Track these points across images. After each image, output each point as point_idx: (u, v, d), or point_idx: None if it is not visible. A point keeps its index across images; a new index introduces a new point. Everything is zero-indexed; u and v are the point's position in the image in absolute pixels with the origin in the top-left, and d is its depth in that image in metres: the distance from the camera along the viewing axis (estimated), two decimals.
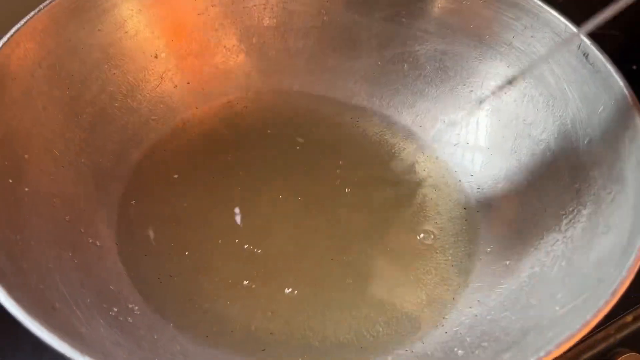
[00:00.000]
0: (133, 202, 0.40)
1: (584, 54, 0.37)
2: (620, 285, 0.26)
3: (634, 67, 0.58)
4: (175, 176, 0.42)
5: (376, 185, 0.43)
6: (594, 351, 0.41)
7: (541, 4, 0.40)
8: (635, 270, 0.27)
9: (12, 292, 0.25)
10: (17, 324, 0.24)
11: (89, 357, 0.22)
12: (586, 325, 0.25)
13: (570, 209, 0.36)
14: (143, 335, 0.32)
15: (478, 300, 0.36)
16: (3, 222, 0.30)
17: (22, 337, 0.36)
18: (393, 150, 0.45)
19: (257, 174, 0.43)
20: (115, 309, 0.32)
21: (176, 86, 0.45)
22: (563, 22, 0.39)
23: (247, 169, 0.43)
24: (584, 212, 0.34)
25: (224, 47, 0.46)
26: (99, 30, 0.41)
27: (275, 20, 0.47)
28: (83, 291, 0.32)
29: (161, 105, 0.44)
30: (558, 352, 0.25)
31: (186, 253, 0.38)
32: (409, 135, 0.46)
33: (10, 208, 0.32)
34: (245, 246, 0.38)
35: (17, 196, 0.33)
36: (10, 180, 0.33)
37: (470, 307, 0.35)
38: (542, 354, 0.24)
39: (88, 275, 0.33)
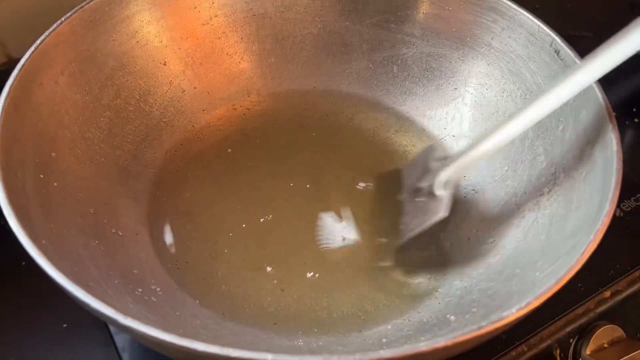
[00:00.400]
0: (150, 196, 0.43)
1: (555, 51, 0.42)
2: (589, 245, 0.30)
3: None
4: (188, 173, 0.45)
5: (373, 175, 0.47)
6: (576, 324, 0.45)
7: (516, 7, 0.44)
8: (602, 233, 0.31)
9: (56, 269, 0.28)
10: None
11: (131, 320, 0.26)
12: (560, 281, 0.29)
13: (547, 189, 0.39)
14: (167, 311, 0.35)
15: (467, 275, 0.39)
16: (40, 212, 0.34)
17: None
18: (386, 144, 0.49)
19: (264, 168, 0.46)
20: (140, 290, 0.36)
21: (184, 91, 0.48)
22: (536, 23, 0.43)
23: (253, 164, 0.47)
24: (560, 191, 0.38)
25: (227, 54, 0.50)
26: (113, 40, 0.44)
27: (273, 29, 0.51)
28: (110, 274, 0.35)
29: (171, 109, 0.47)
30: (535, 304, 0.28)
31: (200, 242, 0.41)
32: (400, 130, 0.49)
33: (43, 200, 0.35)
34: (255, 234, 0.42)
35: (49, 190, 0.36)
36: (42, 176, 0.36)
37: (461, 281, 0.39)
38: (522, 305, 0.28)
39: (113, 261, 0.37)
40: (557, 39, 0.41)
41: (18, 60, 0.53)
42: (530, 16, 0.43)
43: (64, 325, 0.42)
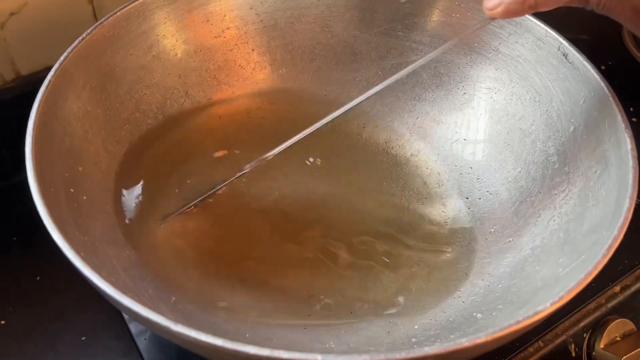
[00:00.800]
0: (173, 207, 0.44)
1: (563, 55, 0.43)
2: (613, 241, 0.31)
3: (603, 67, 0.65)
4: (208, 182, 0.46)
5: (388, 182, 0.48)
6: (589, 319, 0.46)
7: None
8: (624, 229, 0.32)
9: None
10: None
11: (182, 326, 0.27)
12: (589, 275, 0.30)
13: (562, 188, 0.41)
14: (202, 318, 0.36)
15: (488, 273, 0.41)
16: (74, 226, 0.34)
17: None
18: (398, 150, 0.50)
19: (281, 178, 0.47)
20: (173, 298, 0.36)
21: (199, 102, 0.49)
22: (543, 28, 0.44)
23: (270, 174, 0.48)
24: (575, 190, 0.40)
25: (240, 65, 0.51)
26: (131, 54, 0.45)
27: (283, 40, 0.52)
28: (144, 284, 0.36)
29: (188, 119, 0.48)
30: (568, 298, 0.29)
31: (229, 246, 0.42)
32: (412, 136, 0.51)
33: (75, 213, 0.36)
34: (282, 237, 0.43)
35: (79, 203, 0.37)
36: (72, 190, 0.37)
37: (482, 279, 0.40)
38: (555, 299, 0.29)
39: (146, 270, 0.37)
40: (565, 43, 0.43)
41: (27, 77, 0.54)
42: (537, 21, 0.45)
43: (83, 338, 0.42)
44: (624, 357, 0.44)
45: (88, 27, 0.54)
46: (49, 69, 0.53)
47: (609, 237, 0.32)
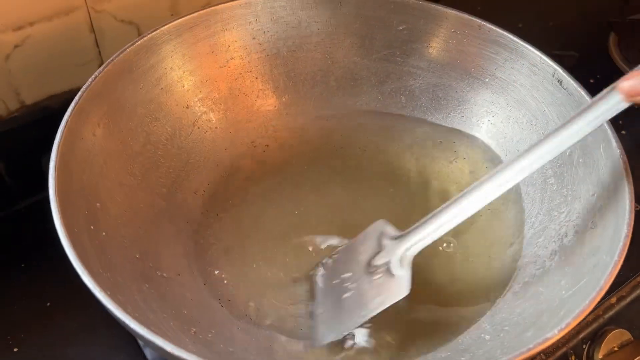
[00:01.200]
0: (185, 237, 0.45)
1: (558, 81, 0.45)
2: (614, 267, 0.33)
3: (592, 81, 0.67)
4: (217, 211, 0.47)
5: (396, 203, 0.50)
6: (588, 330, 0.48)
7: (518, 39, 0.47)
8: (624, 255, 0.34)
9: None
10: None
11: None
12: (593, 301, 0.32)
13: (561, 210, 0.43)
14: (222, 349, 0.37)
15: (492, 294, 0.42)
16: (97, 263, 0.36)
17: None
18: (399, 171, 0.52)
19: (288, 203, 0.49)
20: (194, 329, 0.38)
21: (206, 132, 0.51)
22: (538, 55, 0.46)
23: (277, 198, 0.49)
24: (573, 212, 0.42)
25: (244, 94, 0.52)
26: (140, 88, 0.46)
27: (286, 67, 0.53)
28: (165, 316, 0.37)
29: (196, 150, 0.50)
30: (574, 324, 0.31)
31: (238, 278, 0.44)
32: (412, 157, 0.52)
33: (97, 250, 0.37)
34: (290, 266, 0.44)
35: (100, 240, 0.38)
36: (92, 227, 0.38)
37: (488, 301, 0.42)
38: (562, 326, 0.31)
39: (165, 303, 0.39)
40: (559, 69, 0.45)
41: (31, 106, 0.55)
42: (532, 48, 0.47)
43: None
44: None
45: (90, 55, 0.56)
46: (52, 97, 0.55)
47: (609, 263, 0.34)
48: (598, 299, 0.32)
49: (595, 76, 0.67)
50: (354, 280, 0.41)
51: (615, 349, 0.48)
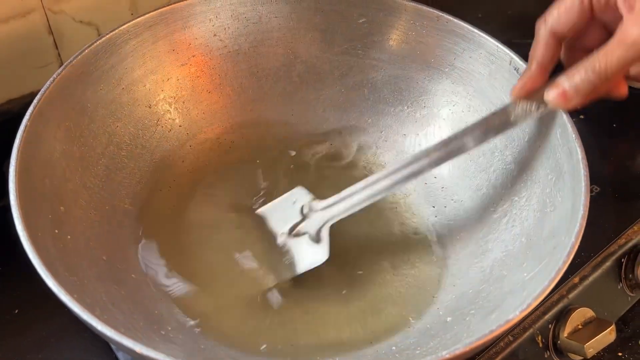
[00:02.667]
0: (152, 235, 0.45)
1: (515, 69, 0.46)
2: (572, 248, 0.34)
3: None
4: (183, 209, 0.47)
5: None
6: (553, 310, 0.49)
7: (474, 29, 0.48)
8: (580, 236, 0.35)
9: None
10: None
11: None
12: (552, 282, 0.33)
13: (522, 194, 0.44)
14: (193, 347, 0.37)
15: (459, 279, 0.43)
16: (63, 267, 0.35)
17: None
18: (364, 164, 0.52)
19: (252, 198, 0.49)
20: (164, 329, 0.38)
21: (170, 130, 0.51)
22: (494, 44, 0.47)
23: (242, 195, 0.49)
24: (533, 196, 0.43)
25: (207, 91, 0.52)
26: (100, 90, 0.46)
27: (248, 63, 0.53)
28: (135, 317, 0.37)
29: (160, 148, 0.50)
30: (535, 304, 0.32)
31: (207, 274, 0.44)
32: (377, 149, 0.53)
33: (62, 254, 0.37)
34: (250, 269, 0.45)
35: (65, 244, 0.38)
36: (56, 231, 0.38)
37: (454, 286, 0.43)
38: (523, 307, 0.32)
39: (135, 304, 0.39)
40: (515, 57, 0.46)
41: None
42: (489, 37, 0.47)
43: None
44: (587, 344, 0.47)
45: (50, 57, 0.56)
46: (11, 101, 0.54)
47: (567, 244, 0.35)
48: (557, 279, 0.33)
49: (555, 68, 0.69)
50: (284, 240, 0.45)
51: (580, 327, 0.49)
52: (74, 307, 0.30)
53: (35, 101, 0.40)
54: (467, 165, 0.49)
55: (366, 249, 0.47)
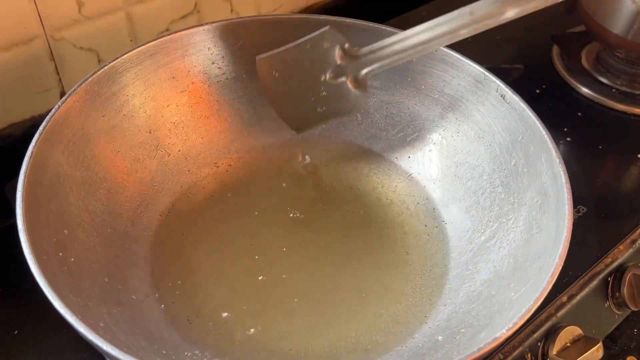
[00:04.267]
0: (152, 258, 0.47)
1: (501, 95, 0.48)
2: (555, 269, 0.36)
3: (537, 91, 0.70)
4: (183, 232, 0.49)
5: (355, 217, 0.52)
6: (542, 329, 0.50)
7: (463, 57, 0.50)
8: (564, 257, 0.37)
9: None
10: None
11: None
12: (537, 301, 0.34)
13: (509, 217, 0.46)
14: None
15: (450, 299, 0.45)
16: (67, 289, 0.37)
17: None
18: (358, 185, 0.54)
19: (251, 221, 0.51)
20: (164, 351, 0.39)
21: (169, 155, 0.52)
22: (482, 72, 0.49)
23: (241, 217, 0.51)
24: (520, 218, 0.44)
25: (205, 117, 0.54)
26: (103, 116, 0.47)
27: (245, 90, 0.55)
28: (136, 337, 0.39)
29: (160, 173, 0.51)
30: (520, 323, 0.34)
31: (206, 296, 0.45)
32: (370, 171, 0.55)
33: (66, 276, 0.38)
34: (260, 277, 0.46)
35: (69, 266, 0.39)
36: (61, 254, 0.39)
37: (445, 305, 0.44)
38: (510, 325, 0.33)
39: (135, 325, 0.40)
40: (502, 85, 0.48)
41: None
42: (476, 65, 0.49)
43: None
44: None
45: (51, 83, 0.57)
46: (13, 125, 0.55)
47: (552, 265, 0.36)
48: (541, 300, 0.35)
49: (541, 86, 0.71)
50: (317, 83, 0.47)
51: (568, 344, 0.50)
52: (80, 327, 0.32)
53: (41, 128, 0.42)
54: (456, 188, 0.51)
55: (362, 268, 0.48)
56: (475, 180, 0.50)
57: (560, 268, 0.36)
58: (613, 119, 0.68)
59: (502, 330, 0.33)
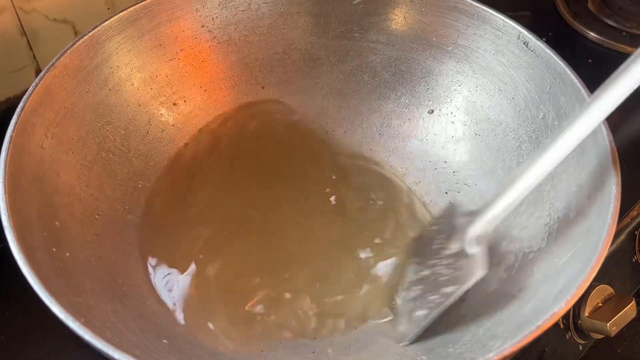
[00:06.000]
0: (151, 244, 0.42)
1: (524, 43, 0.44)
2: (609, 229, 0.32)
3: (544, 39, 0.66)
4: (183, 213, 0.45)
5: (361, 188, 0.48)
6: None
7: (477, 4, 0.46)
8: (617, 216, 0.33)
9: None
10: None
11: None
12: (595, 266, 0.31)
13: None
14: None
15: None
16: (65, 288, 0.32)
17: None
18: (370, 153, 0.50)
19: (254, 194, 0.47)
20: (178, 348, 0.35)
21: (163, 130, 0.47)
22: (501, 18, 0.45)
23: (243, 191, 0.47)
24: (555, 176, 0.41)
25: (198, 86, 0.49)
26: (87, 92, 0.43)
27: (240, 54, 0.50)
28: (146, 335, 0.35)
29: (154, 150, 0.47)
30: (579, 293, 0.30)
31: (208, 283, 0.41)
32: (381, 136, 0.51)
33: (63, 275, 0.34)
34: (266, 262, 0.43)
35: (64, 262, 0.35)
36: (54, 249, 0.35)
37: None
38: (568, 297, 0.30)
39: (144, 321, 0.36)
40: (524, 31, 0.44)
41: None
42: (494, 12, 0.45)
43: None
44: (610, 322, 0.45)
45: (24, 60, 0.52)
46: None
47: (603, 225, 0.33)
48: (599, 264, 0.31)
49: (547, 34, 0.67)
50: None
51: (600, 304, 0.48)
52: (86, 334, 0.28)
53: (18, 109, 0.37)
54: (477, 147, 0.47)
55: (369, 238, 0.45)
56: (498, 137, 0.46)
57: (614, 229, 0.33)
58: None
59: (560, 303, 0.29)
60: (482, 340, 0.34)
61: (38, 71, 0.53)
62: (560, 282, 0.33)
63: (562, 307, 0.29)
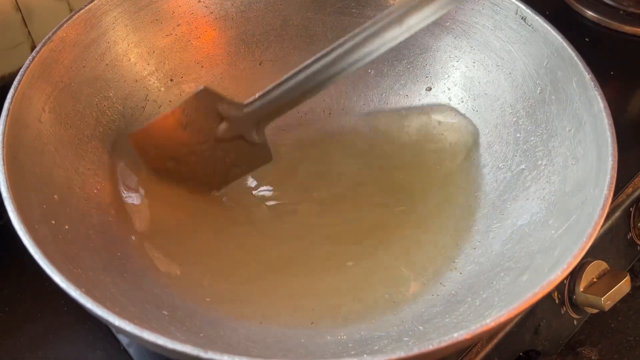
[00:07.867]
0: (149, 218, 0.42)
1: (522, 18, 0.44)
2: (605, 201, 0.33)
3: (547, 13, 0.66)
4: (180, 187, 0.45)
5: (361, 165, 0.48)
6: None
7: None
8: (613, 188, 0.34)
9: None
10: None
11: (212, 352, 0.26)
12: (590, 237, 0.31)
13: (538, 149, 0.42)
14: (209, 333, 0.35)
15: (478, 241, 0.42)
16: (65, 260, 0.33)
17: None
18: (368, 130, 0.50)
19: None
20: (178, 319, 0.36)
21: (160, 106, 0.47)
22: None
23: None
24: (551, 150, 0.41)
25: (196, 62, 0.49)
26: (84, 67, 0.43)
27: (237, 30, 0.50)
28: (147, 307, 0.35)
29: None
30: (575, 262, 0.31)
31: (212, 255, 0.41)
32: (380, 113, 0.51)
33: (63, 246, 0.34)
34: (269, 233, 0.43)
35: (64, 235, 0.35)
36: (53, 222, 0.35)
37: (474, 249, 0.41)
38: (564, 265, 0.30)
39: (144, 292, 0.36)
40: (522, 6, 0.44)
41: None
42: None
43: None
44: (604, 297, 0.46)
45: (20, 37, 0.52)
46: None
47: (599, 197, 0.33)
48: (594, 234, 0.31)
49: (543, 13, 0.67)
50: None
51: (595, 279, 0.49)
52: (87, 302, 0.28)
53: (15, 82, 0.37)
54: (475, 122, 0.47)
55: (387, 210, 0.45)
56: (496, 112, 0.46)
57: (610, 200, 0.33)
58: (622, 42, 0.65)
59: (556, 272, 0.30)
60: (478, 310, 0.34)
61: (33, 48, 0.53)
62: (556, 253, 0.33)
63: (558, 274, 0.30)
